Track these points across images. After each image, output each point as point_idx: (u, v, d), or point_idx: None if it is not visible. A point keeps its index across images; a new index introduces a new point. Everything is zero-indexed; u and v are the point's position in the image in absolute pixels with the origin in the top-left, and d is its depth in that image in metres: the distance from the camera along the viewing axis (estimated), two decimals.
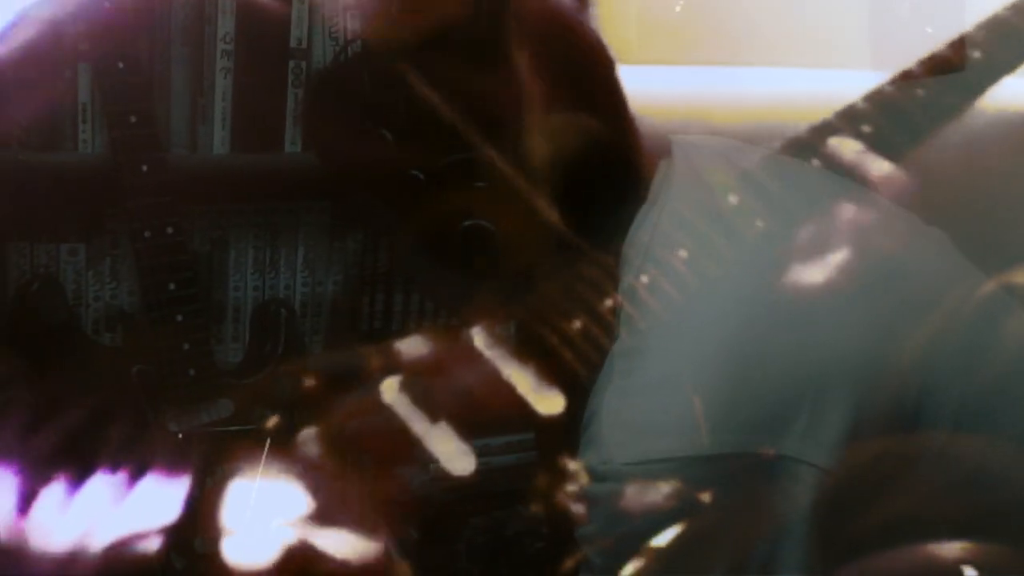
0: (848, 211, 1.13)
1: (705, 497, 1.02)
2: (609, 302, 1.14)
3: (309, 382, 1.15)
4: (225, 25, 1.16)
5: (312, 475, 1.09)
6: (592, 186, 1.23)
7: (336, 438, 1.10)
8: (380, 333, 1.21)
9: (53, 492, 1.04)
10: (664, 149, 1.18)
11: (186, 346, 1.13)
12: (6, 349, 1.12)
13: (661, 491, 1.03)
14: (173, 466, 1.06)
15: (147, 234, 1.11)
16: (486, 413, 1.11)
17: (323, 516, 1.08)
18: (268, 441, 1.09)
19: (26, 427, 1.06)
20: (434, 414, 1.09)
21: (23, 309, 1.12)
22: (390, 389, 1.10)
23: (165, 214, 1.12)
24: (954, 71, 1.13)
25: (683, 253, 1.09)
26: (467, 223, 1.21)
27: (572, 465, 1.10)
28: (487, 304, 1.17)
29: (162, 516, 1.06)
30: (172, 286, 1.12)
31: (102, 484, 1.05)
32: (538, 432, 1.23)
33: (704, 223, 1.09)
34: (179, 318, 1.13)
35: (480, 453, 1.19)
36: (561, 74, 1.24)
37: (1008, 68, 1.14)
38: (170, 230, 1.12)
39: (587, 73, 1.28)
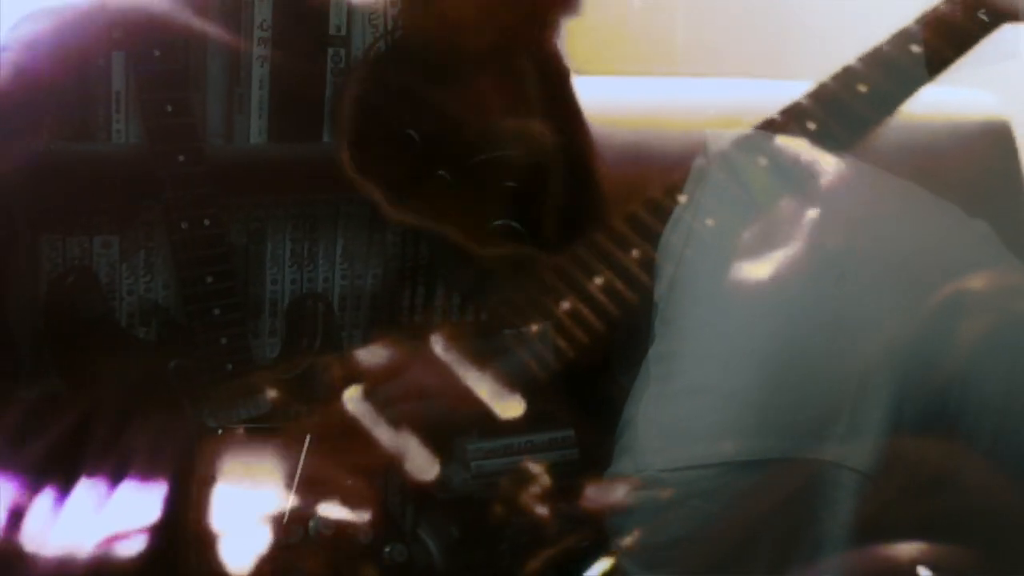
0: (891, 205, 1.11)
1: (743, 504, 1.00)
2: (641, 302, 1.13)
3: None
4: (262, 11, 1.14)
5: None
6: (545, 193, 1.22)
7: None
8: (420, 328, 1.19)
9: (87, 488, 1.03)
10: (698, 146, 1.17)
11: (224, 340, 1.11)
12: (40, 343, 1.10)
13: (698, 498, 1.01)
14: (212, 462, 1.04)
15: (184, 226, 1.10)
16: (449, 418, 1.09)
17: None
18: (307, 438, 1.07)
19: (59, 422, 1.04)
20: (397, 422, 1.06)
21: (58, 302, 1.10)
22: (352, 398, 1.07)
23: (202, 206, 1.10)
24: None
25: (718, 253, 1.07)
26: (496, 223, 1.20)
27: (608, 473, 1.09)
28: (518, 303, 1.16)
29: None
30: (210, 279, 1.10)
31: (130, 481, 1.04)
32: (577, 429, 1.22)
33: (739, 222, 1.07)
34: (216, 312, 1.11)
35: (522, 451, 1.18)
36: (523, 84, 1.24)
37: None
38: (207, 222, 1.10)
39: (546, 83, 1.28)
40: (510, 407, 1.08)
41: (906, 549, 0.99)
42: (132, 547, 1.00)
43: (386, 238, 1.19)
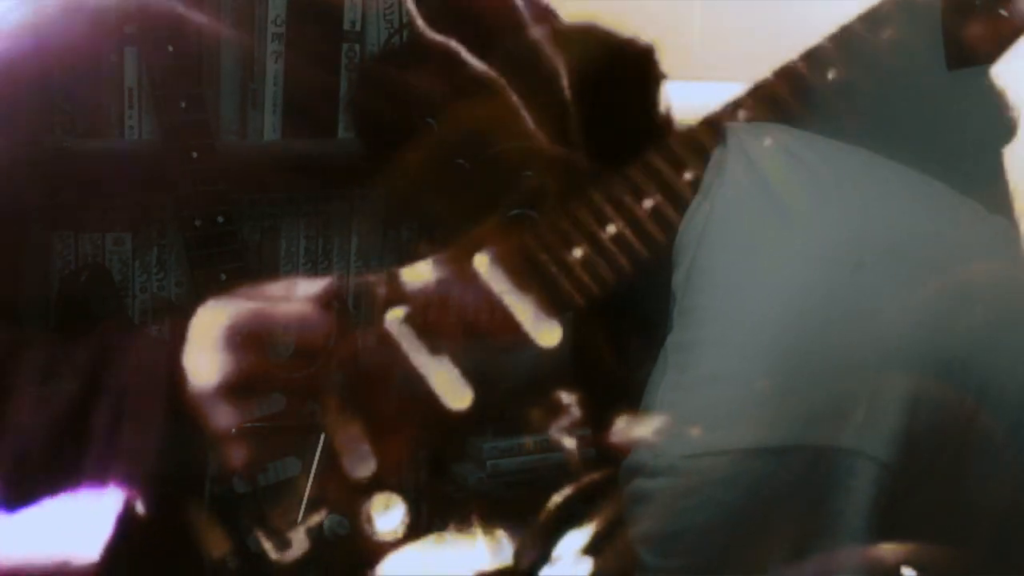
0: (909, 196, 1.11)
1: (761, 491, 0.99)
2: (662, 287, 1.12)
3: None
4: (276, 7, 1.13)
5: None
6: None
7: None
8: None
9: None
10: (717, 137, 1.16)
11: None
12: (53, 340, 1.09)
13: (714, 485, 1.01)
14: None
15: (198, 223, 1.09)
16: (488, 341, 1.09)
17: None
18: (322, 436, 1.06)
19: (73, 419, 1.04)
20: (435, 346, 1.07)
21: (71, 299, 1.10)
22: (394, 321, 1.08)
23: (216, 202, 1.10)
24: None
25: (736, 243, 1.06)
26: (514, 212, 1.19)
27: (626, 461, 1.08)
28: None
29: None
30: (223, 277, 1.09)
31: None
32: (594, 427, 1.21)
33: (758, 212, 1.07)
34: None
35: (540, 449, 1.17)
36: None
37: None
38: (221, 219, 1.10)
39: None
40: (552, 335, 1.09)
41: (890, 549, 0.98)
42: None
43: (401, 235, 1.18)
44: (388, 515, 1.06)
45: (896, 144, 1.10)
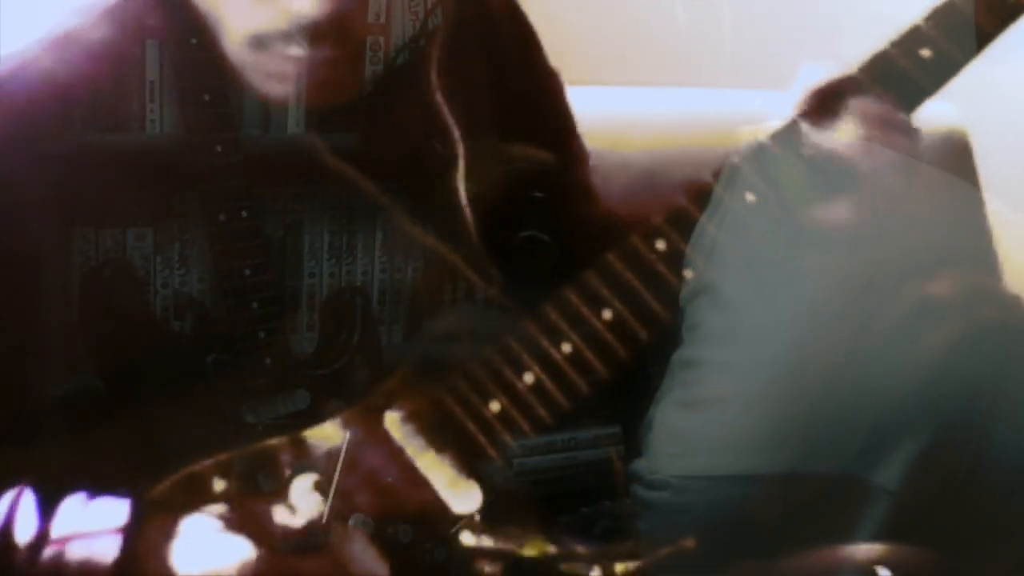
0: (929, 208, 1.09)
1: (756, 518, 0.99)
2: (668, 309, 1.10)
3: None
4: None
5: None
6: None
7: None
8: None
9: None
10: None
11: (261, 334, 1.09)
12: (74, 337, 1.08)
13: (706, 507, 1.02)
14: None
15: (222, 218, 1.08)
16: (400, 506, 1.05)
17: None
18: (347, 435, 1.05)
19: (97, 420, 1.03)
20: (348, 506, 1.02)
21: (93, 295, 1.08)
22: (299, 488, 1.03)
23: (240, 197, 1.08)
24: None
25: (745, 259, 1.05)
26: (524, 234, 1.18)
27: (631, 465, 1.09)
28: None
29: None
30: (247, 272, 1.08)
31: None
32: (624, 426, 1.20)
33: (767, 227, 1.05)
34: (254, 305, 1.09)
35: (566, 447, 1.16)
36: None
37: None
38: (245, 214, 1.08)
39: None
40: (469, 499, 1.04)
41: (866, 549, 0.97)
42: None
43: (426, 229, 1.17)
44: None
45: None
